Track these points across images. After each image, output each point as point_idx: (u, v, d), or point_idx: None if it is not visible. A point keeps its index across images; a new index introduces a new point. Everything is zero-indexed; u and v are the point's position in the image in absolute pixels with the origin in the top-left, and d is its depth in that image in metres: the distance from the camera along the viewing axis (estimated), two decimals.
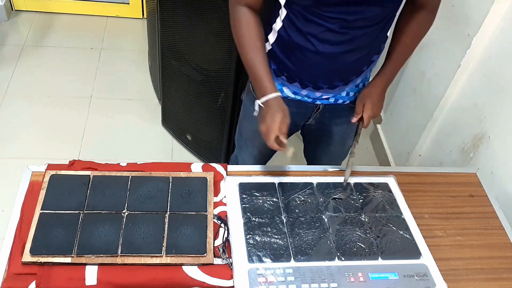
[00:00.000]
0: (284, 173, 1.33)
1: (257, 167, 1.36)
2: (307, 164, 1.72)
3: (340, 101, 1.37)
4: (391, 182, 1.34)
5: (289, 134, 1.54)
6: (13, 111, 2.51)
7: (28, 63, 2.81)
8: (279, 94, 1.20)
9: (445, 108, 1.91)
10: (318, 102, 1.35)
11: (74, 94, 2.66)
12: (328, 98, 1.34)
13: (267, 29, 1.25)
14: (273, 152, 1.61)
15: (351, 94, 1.36)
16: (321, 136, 1.50)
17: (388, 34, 1.26)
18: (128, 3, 3.20)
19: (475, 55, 1.71)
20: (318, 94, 1.32)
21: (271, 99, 1.18)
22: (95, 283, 1.04)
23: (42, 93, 2.63)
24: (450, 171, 1.46)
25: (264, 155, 1.58)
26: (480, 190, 1.39)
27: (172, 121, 2.43)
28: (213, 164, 1.32)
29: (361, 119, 1.35)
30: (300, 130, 1.56)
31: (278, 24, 1.21)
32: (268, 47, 1.26)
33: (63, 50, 2.95)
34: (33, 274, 1.04)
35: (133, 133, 2.50)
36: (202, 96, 2.09)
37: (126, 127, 2.53)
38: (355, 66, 1.26)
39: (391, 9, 1.18)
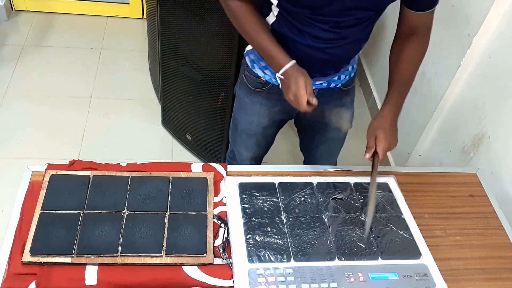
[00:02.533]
0: (284, 173, 1.33)
1: (257, 167, 1.36)
2: (304, 159, 1.73)
3: (332, 85, 1.39)
4: (391, 182, 1.34)
5: (283, 122, 1.54)
6: (13, 111, 2.51)
7: (28, 63, 2.81)
8: (294, 61, 1.21)
9: (445, 108, 1.91)
10: None
11: (74, 94, 2.66)
12: (321, 83, 1.37)
13: None
14: (269, 142, 1.61)
15: (343, 77, 1.39)
16: (316, 123, 1.51)
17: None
18: (128, 3, 3.20)
19: (475, 55, 1.71)
20: None
21: (288, 68, 1.20)
22: (95, 283, 1.04)
23: (42, 93, 2.63)
24: (450, 171, 1.46)
25: (260, 146, 1.58)
26: (480, 190, 1.39)
27: (172, 121, 2.43)
28: (213, 164, 1.32)
29: (374, 154, 1.26)
30: (294, 122, 1.56)
31: (271, 18, 1.24)
32: None
33: (63, 50, 2.95)
34: (33, 274, 1.04)
35: (133, 133, 2.50)
36: (202, 96, 2.09)
37: (126, 127, 2.53)
38: (346, 56, 1.30)
39: (383, 10, 1.22)
